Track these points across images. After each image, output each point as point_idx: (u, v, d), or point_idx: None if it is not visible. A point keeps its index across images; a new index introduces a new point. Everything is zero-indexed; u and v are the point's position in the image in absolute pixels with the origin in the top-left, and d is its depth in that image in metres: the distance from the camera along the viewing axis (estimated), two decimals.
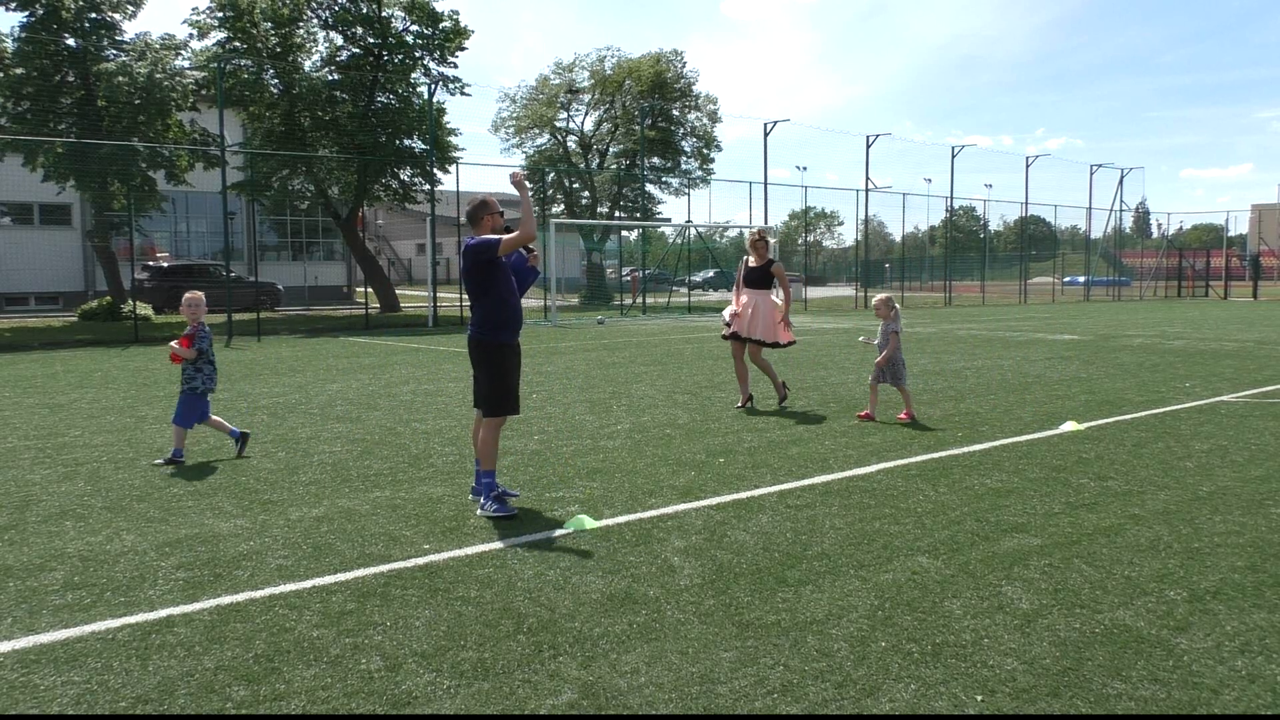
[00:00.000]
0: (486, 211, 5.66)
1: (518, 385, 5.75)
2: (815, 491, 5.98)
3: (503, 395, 5.62)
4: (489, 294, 5.56)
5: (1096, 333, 19.88)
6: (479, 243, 5.54)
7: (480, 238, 5.57)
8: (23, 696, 3.25)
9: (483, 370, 5.66)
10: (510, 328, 5.65)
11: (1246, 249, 63.19)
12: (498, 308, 5.57)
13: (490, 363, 5.61)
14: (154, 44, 23.78)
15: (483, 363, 5.65)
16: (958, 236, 50.55)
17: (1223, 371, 12.37)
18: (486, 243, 5.52)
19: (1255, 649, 3.58)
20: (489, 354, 5.62)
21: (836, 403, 9.69)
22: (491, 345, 5.61)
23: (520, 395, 5.80)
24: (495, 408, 5.62)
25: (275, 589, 4.26)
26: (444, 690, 3.28)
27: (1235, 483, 6.17)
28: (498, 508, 5.46)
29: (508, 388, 5.64)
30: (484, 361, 5.64)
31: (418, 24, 26.82)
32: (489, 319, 5.58)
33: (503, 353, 5.62)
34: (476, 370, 5.73)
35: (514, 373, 5.69)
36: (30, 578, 4.44)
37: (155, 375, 12.76)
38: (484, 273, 5.55)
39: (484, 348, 5.62)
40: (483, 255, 5.51)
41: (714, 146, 39.25)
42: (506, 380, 5.64)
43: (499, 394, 5.61)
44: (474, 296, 5.61)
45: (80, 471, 6.68)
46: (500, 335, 5.61)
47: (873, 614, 3.93)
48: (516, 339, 5.73)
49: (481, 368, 5.67)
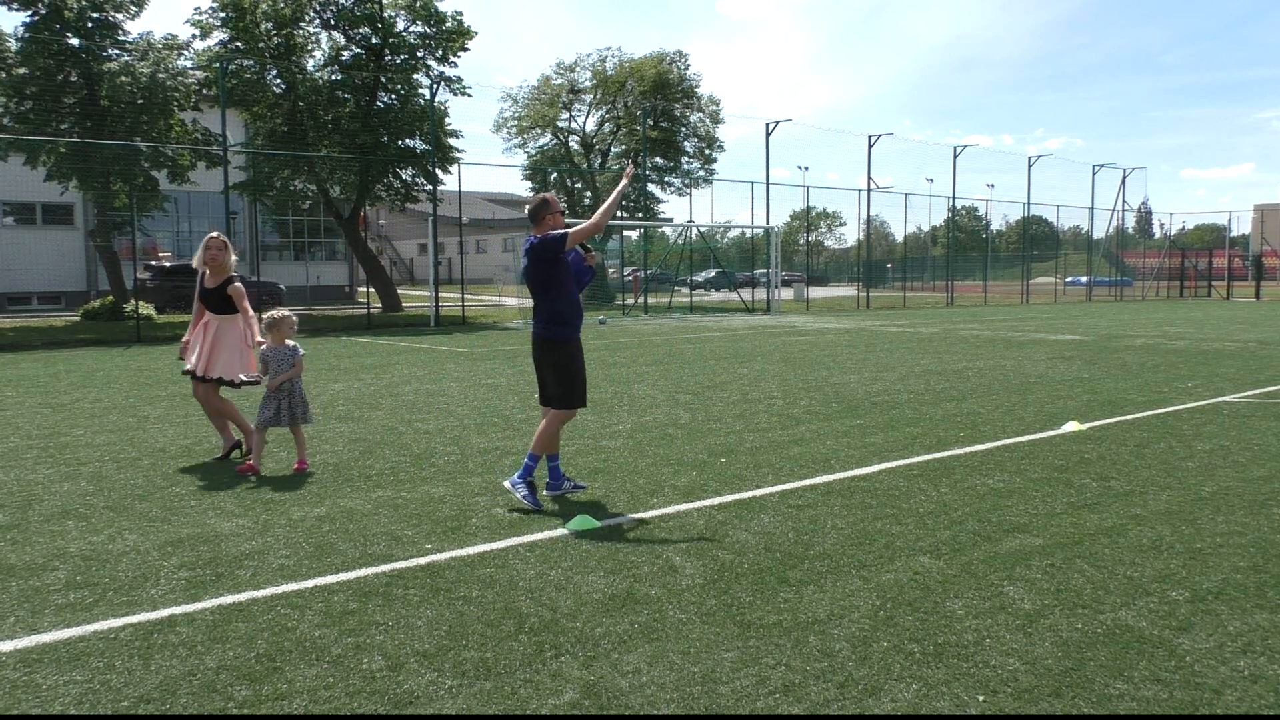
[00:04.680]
0: (549, 210, 5.70)
1: (585, 378, 5.84)
2: (817, 491, 5.98)
3: (573, 389, 5.72)
4: (557, 290, 5.65)
5: (1099, 333, 19.87)
6: (548, 237, 5.60)
7: (547, 233, 5.62)
8: (25, 696, 3.25)
9: (552, 366, 5.73)
10: (575, 323, 5.74)
11: (1249, 249, 63.11)
12: (565, 303, 5.67)
13: (561, 358, 5.70)
14: (156, 44, 23.79)
15: (552, 359, 5.73)
16: (960, 236, 50.48)
17: (1225, 372, 12.36)
18: (555, 236, 5.58)
19: (1258, 649, 3.58)
20: (559, 350, 5.70)
21: (838, 403, 9.68)
22: (560, 341, 5.70)
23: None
24: (567, 401, 5.72)
25: (277, 588, 4.27)
26: (446, 690, 3.28)
27: (1237, 483, 6.16)
28: (526, 494, 5.57)
29: (578, 381, 5.74)
30: (554, 358, 5.72)
31: (420, 24, 26.83)
32: (558, 315, 5.67)
33: (571, 348, 5.72)
34: (543, 367, 5.79)
35: (583, 366, 5.79)
36: (33, 577, 4.44)
37: (157, 375, 12.77)
38: (552, 268, 5.62)
39: (554, 344, 5.71)
40: (552, 249, 5.58)
41: (716, 147, 39.26)
42: (577, 374, 5.73)
43: (570, 388, 5.71)
44: (541, 293, 5.67)
45: (82, 471, 6.69)
46: (568, 331, 5.70)
47: (874, 614, 3.93)
48: (579, 333, 5.81)
49: (550, 364, 5.74)
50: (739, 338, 19.42)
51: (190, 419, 8.95)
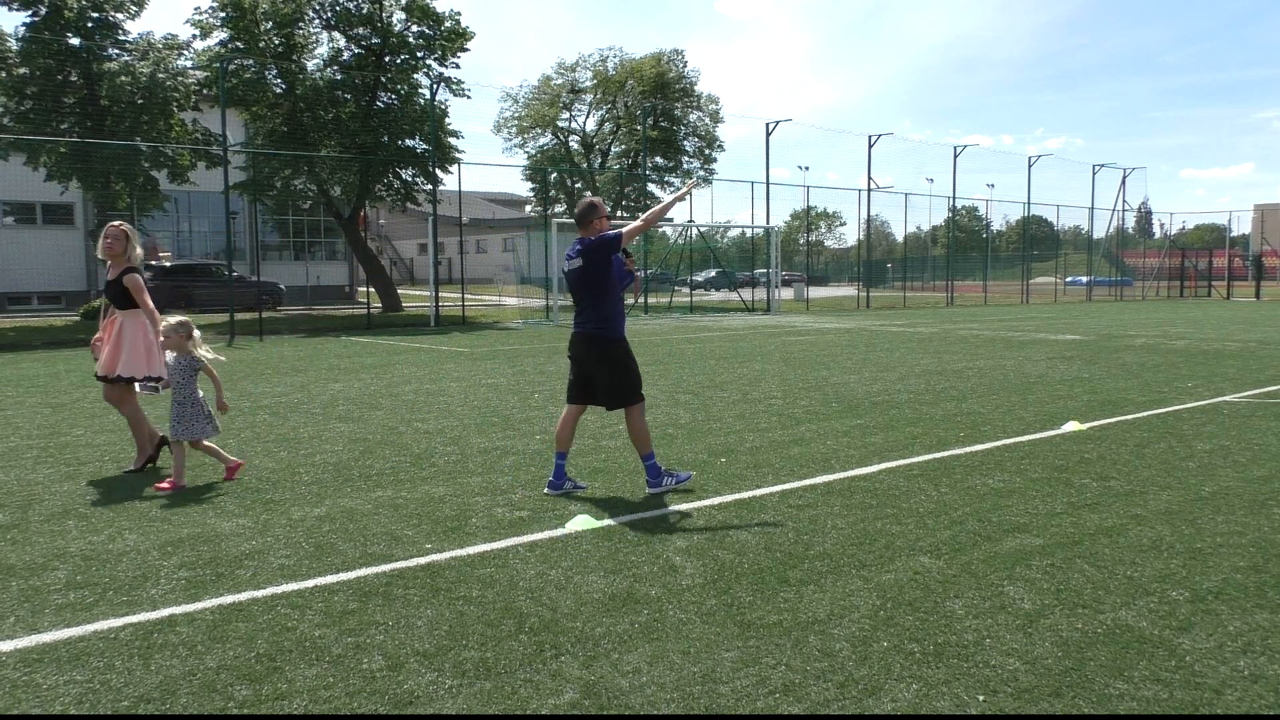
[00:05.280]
0: (596, 214, 5.89)
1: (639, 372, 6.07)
2: (817, 491, 5.98)
3: (632, 384, 5.93)
4: (609, 291, 5.84)
5: (1099, 333, 19.86)
6: (604, 237, 5.76)
7: (603, 233, 5.79)
8: (25, 695, 3.25)
9: (606, 365, 5.88)
10: (623, 323, 5.99)
11: (1249, 249, 63.12)
12: (615, 304, 5.89)
13: (617, 355, 5.89)
14: (156, 44, 23.82)
15: (605, 358, 5.88)
16: (960, 236, 50.49)
17: (1225, 372, 12.36)
18: (611, 235, 5.76)
19: (1258, 649, 3.58)
20: (614, 347, 5.88)
21: (838, 402, 9.68)
22: (614, 339, 5.88)
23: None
24: (628, 398, 5.91)
25: (277, 588, 4.27)
26: (446, 690, 3.28)
27: (1238, 483, 6.16)
28: (670, 482, 5.91)
29: (635, 376, 5.96)
30: (607, 357, 5.88)
31: (419, 24, 26.82)
32: (610, 315, 5.86)
33: (625, 345, 5.95)
34: (594, 366, 5.91)
35: (635, 362, 6.03)
36: (33, 577, 4.44)
37: None
38: (605, 268, 5.79)
39: (607, 342, 5.87)
40: (608, 249, 5.75)
41: (716, 147, 39.26)
42: (633, 369, 5.96)
43: (628, 384, 5.91)
44: (594, 294, 5.83)
45: (83, 471, 6.69)
46: (619, 330, 5.92)
47: (875, 614, 3.93)
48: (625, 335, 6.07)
49: (604, 363, 5.88)
50: (739, 338, 19.42)
51: None
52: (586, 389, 6.01)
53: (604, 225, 5.86)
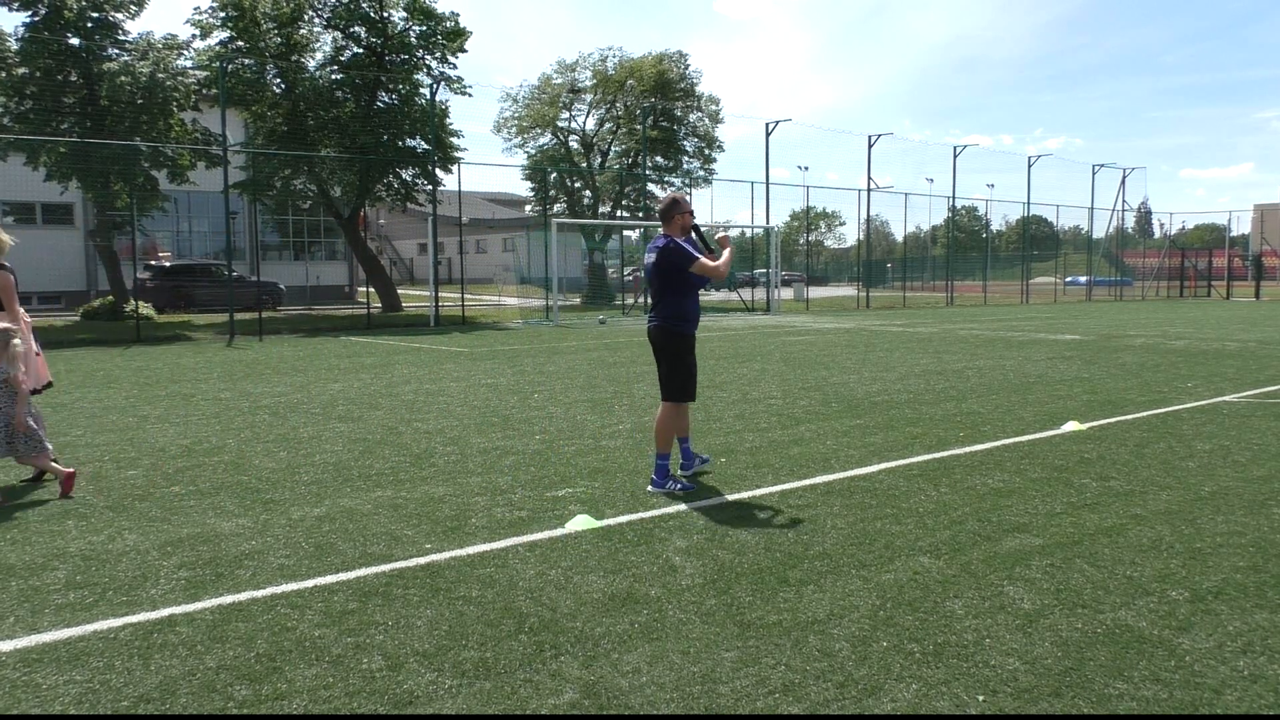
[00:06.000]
0: (678, 210, 6.15)
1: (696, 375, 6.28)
2: (817, 491, 5.98)
3: (685, 382, 6.16)
4: (684, 290, 6.10)
5: (1098, 333, 19.87)
6: (682, 252, 6.02)
7: (682, 245, 6.05)
8: (25, 695, 3.25)
9: (668, 357, 6.14)
10: (694, 323, 6.22)
11: (1248, 249, 63.12)
12: (689, 303, 6.15)
13: (679, 350, 6.13)
14: (156, 43, 23.78)
15: (669, 351, 6.13)
16: (960, 236, 50.50)
17: (1225, 371, 12.36)
18: (687, 255, 6.02)
19: (1257, 649, 3.58)
20: (677, 341, 6.12)
21: (838, 402, 9.68)
22: (679, 335, 6.12)
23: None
24: (679, 393, 6.14)
25: (277, 588, 4.27)
26: (445, 690, 3.28)
27: (1237, 483, 6.16)
28: (673, 487, 5.96)
29: (690, 377, 6.19)
30: (671, 350, 6.12)
31: (419, 24, 26.82)
32: (680, 312, 6.11)
33: (688, 343, 6.17)
34: (659, 356, 6.20)
35: (695, 364, 6.26)
36: (32, 577, 4.44)
37: (157, 375, 12.77)
38: (680, 273, 6.04)
39: (673, 336, 6.11)
40: (679, 263, 6.02)
41: (716, 147, 39.24)
42: (690, 370, 6.18)
43: (682, 380, 6.15)
44: (668, 291, 6.08)
45: (82, 471, 6.68)
46: (687, 327, 6.15)
47: (874, 614, 3.93)
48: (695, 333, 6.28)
49: (667, 355, 6.14)
50: (739, 337, 19.42)
51: (190, 419, 8.96)
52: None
53: (686, 221, 6.14)
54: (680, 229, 6.15)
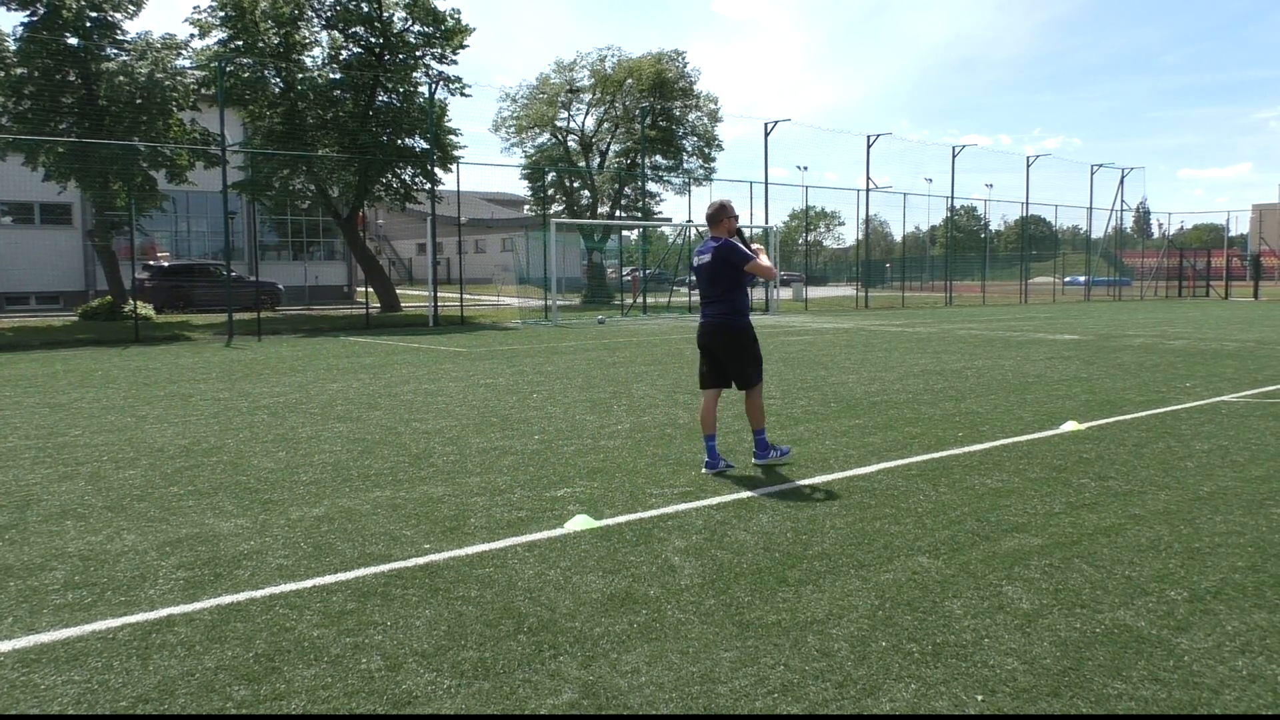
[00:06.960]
0: (726, 215, 6.57)
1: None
2: (816, 491, 5.98)
3: (757, 367, 6.64)
4: (738, 287, 6.55)
5: (1097, 333, 19.88)
6: (738, 252, 6.44)
7: (737, 245, 6.48)
8: (23, 696, 3.25)
9: (736, 350, 6.56)
10: (748, 315, 6.68)
11: (1247, 249, 63.18)
12: (743, 297, 6.61)
13: (745, 343, 6.56)
14: (155, 43, 23.79)
15: (736, 344, 6.55)
16: (958, 236, 50.55)
17: (1223, 371, 12.37)
18: (742, 254, 6.44)
19: (1256, 649, 3.58)
20: (745, 335, 6.56)
21: (836, 402, 9.68)
22: (743, 328, 6.55)
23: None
24: (753, 379, 6.60)
25: (276, 588, 4.26)
26: (444, 690, 3.28)
27: (1236, 483, 6.17)
28: (775, 455, 6.68)
29: (759, 361, 6.68)
30: (738, 342, 6.55)
31: (418, 23, 26.81)
32: (738, 307, 6.56)
33: (752, 333, 6.62)
34: (724, 352, 6.58)
35: (759, 347, 6.74)
36: (31, 577, 4.44)
37: (156, 375, 12.77)
38: (736, 271, 6.46)
39: (738, 330, 6.55)
40: (739, 260, 6.44)
41: (715, 146, 39.25)
42: (759, 354, 6.69)
43: (754, 366, 6.62)
44: (726, 288, 6.52)
45: (81, 471, 6.68)
46: (748, 320, 6.61)
47: (873, 614, 3.93)
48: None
49: (734, 348, 6.56)
50: None
51: (189, 419, 8.96)
52: (720, 373, 6.63)
53: (733, 225, 6.55)
54: (727, 231, 6.52)
